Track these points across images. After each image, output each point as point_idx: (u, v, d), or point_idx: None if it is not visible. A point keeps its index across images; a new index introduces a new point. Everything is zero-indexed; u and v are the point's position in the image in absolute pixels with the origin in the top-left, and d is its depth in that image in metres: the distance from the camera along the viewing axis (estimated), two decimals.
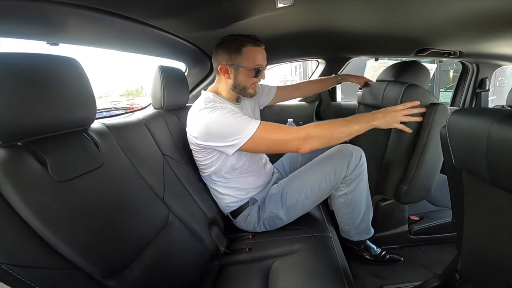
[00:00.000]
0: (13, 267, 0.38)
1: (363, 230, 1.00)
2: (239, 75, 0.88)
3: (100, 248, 0.51)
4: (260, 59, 0.89)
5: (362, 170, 0.90)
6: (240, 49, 0.85)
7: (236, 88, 0.91)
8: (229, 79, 0.90)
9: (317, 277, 0.71)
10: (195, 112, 0.84)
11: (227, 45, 0.86)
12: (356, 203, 0.94)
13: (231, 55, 0.86)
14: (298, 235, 0.91)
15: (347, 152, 0.88)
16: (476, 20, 0.87)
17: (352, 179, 0.89)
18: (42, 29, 0.69)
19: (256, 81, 0.92)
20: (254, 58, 0.87)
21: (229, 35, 0.88)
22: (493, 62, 1.67)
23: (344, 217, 0.97)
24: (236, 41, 0.86)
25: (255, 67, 0.88)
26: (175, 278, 0.67)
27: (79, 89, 0.55)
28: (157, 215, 0.70)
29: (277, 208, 0.92)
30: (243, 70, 0.87)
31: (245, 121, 0.79)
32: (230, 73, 0.89)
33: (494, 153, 0.42)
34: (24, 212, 0.42)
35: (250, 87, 0.92)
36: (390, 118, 0.84)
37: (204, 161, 0.92)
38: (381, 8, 0.84)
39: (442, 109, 0.92)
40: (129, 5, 0.67)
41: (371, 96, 1.26)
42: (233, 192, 0.96)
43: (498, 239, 0.50)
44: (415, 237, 1.18)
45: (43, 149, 0.48)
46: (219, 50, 0.88)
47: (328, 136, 0.80)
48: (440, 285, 0.76)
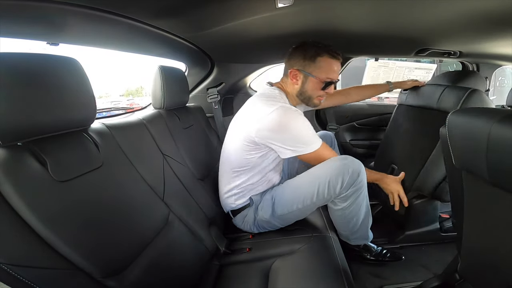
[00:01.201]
0: (13, 267, 0.38)
1: (361, 236, 1.00)
2: (307, 84, 0.88)
3: (100, 248, 0.51)
4: (334, 72, 0.87)
5: (360, 186, 0.85)
6: (315, 57, 0.85)
7: (301, 95, 0.90)
8: (296, 85, 0.89)
9: (317, 277, 0.71)
10: (264, 109, 0.83)
11: (303, 50, 0.86)
12: (354, 216, 0.91)
13: (305, 61, 0.85)
14: (298, 235, 0.91)
15: (344, 168, 0.83)
16: (476, 20, 0.87)
17: (348, 195, 0.85)
18: (42, 29, 0.69)
19: (323, 94, 0.91)
20: (327, 69, 0.86)
21: (309, 41, 0.88)
22: (493, 62, 1.66)
23: (341, 226, 0.96)
24: (313, 48, 0.85)
25: (326, 79, 0.87)
26: (175, 278, 0.67)
27: (79, 89, 0.55)
28: (157, 215, 0.70)
29: (268, 215, 0.92)
30: (313, 80, 0.87)
31: (314, 135, 0.86)
32: (298, 79, 0.88)
33: (494, 153, 0.42)
34: (24, 212, 0.42)
35: (316, 98, 0.91)
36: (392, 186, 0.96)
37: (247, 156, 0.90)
38: (381, 8, 0.84)
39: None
40: (129, 5, 0.67)
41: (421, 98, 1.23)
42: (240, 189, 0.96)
43: (498, 239, 0.50)
44: (445, 235, 1.17)
45: (43, 149, 0.48)
46: (294, 54, 0.88)
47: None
48: (440, 285, 0.76)
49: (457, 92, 1.02)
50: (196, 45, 1.11)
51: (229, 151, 0.95)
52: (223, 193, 1.00)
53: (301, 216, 0.93)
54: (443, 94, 1.09)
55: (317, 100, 0.92)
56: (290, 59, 0.89)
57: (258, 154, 0.90)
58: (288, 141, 0.83)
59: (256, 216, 0.94)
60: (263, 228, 0.96)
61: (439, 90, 1.12)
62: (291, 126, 0.82)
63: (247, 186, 0.96)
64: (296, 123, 0.82)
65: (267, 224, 0.95)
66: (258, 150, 0.89)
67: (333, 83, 0.90)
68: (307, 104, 0.94)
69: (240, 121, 0.93)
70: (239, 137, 0.90)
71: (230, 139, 0.96)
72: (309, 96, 0.90)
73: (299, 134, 0.83)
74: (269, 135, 0.83)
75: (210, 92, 1.45)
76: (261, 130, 0.83)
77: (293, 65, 0.87)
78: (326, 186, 0.84)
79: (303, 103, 0.94)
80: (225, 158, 0.99)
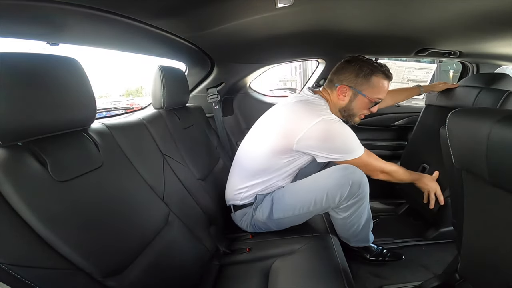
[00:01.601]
0: (13, 267, 0.38)
1: (362, 239, 1.00)
2: (356, 101, 0.86)
3: (100, 248, 0.51)
4: (385, 92, 0.87)
5: (362, 197, 0.84)
6: (370, 76, 0.83)
7: (345, 112, 0.89)
8: (342, 101, 0.87)
9: (317, 277, 0.71)
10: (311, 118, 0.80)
11: (358, 67, 0.83)
12: (355, 223, 0.90)
13: (357, 79, 0.84)
14: (298, 235, 0.91)
15: (343, 180, 0.81)
16: (476, 20, 0.87)
17: (349, 206, 0.85)
18: (42, 29, 0.69)
19: (367, 112, 0.90)
20: (380, 90, 0.85)
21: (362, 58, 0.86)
22: (493, 62, 1.66)
23: (342, 231, 0.95)
24: (368, 67, 0.83)
25: (377, 100, 0.86)
26: (175, 278, 0.67)
27: (79, 89, 0.55)
28: (157, 215, 0.70)
29: (265, 217, 0.91)
30: (362, 98, 0.85)
31: (358, 142, 0.84)
32: (346, 96, 0.86)
33: (494, 153, 0.42)
34: (24, 212, 0.42)
35: (358, 116, 0.90)
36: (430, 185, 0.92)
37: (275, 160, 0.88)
38: (381, 8, 0.84)
39: None
40: (129, 5, 0.67)
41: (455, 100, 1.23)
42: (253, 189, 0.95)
43: (498, 239, 0.50)
44: None
45: (43, 149, 0.48)
46: (347, 68, 0.85)
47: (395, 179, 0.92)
48: (440, 285, 0.76)
49: (494, 94, 1.03)
50: (196, 45, 1.11)
51: (253, 152, 0.92)
52: (233, 189, 0.98)
53: (298, 222, 0.93)
54: (479, 96, 1.09)
55: (358, 118, 0.91)
56: (341, 74, 0.86)
57: (287, 159, 0.88)
58: (332, 150, 0.82)
59: (254, 215, 0.94)
60: (258, 228, 0.96)
61: (474, 92, 1.12)
62: (337, 136, 0.81)
63: (261, 186, 0.94)
64: (342, 133, 0.82)
65: (263, 226, 0.94)
66: (289, 156, 0.87)
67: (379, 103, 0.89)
68: (348, 120, 0.91)
69: (273, 124, 0.90)
70: (270, 141, 0.87)
71: (256, 141, 0.93)
72: (353, 114, 0.89)
73: (345, 143, 0.82)
74: (313, 144, 0.81)
75: (210, 92, 1.45)
76: (304, 139, 0.80)
77: (343, 80, 0.85)
78: (324, 196, 0.83)
79: (344, 118, 0.91)
80: (244, 157, 0.96)
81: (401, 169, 0.93)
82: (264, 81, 1.70)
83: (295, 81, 11.43)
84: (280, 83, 11.44)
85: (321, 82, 1.65)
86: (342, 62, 0.88)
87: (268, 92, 2.05)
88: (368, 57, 0.90)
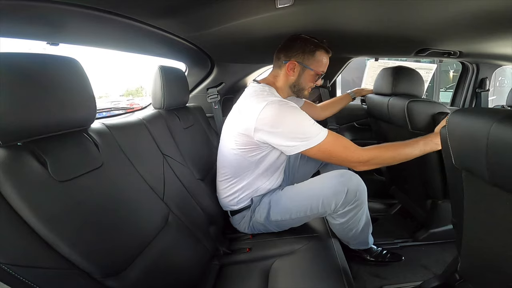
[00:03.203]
0: (13, 267, 0.38)
1: (361, 242, 1.00)
2: (304, 76, 0.90)
3: (100, 248, 0.51)
4: (326, 65, 0.92)
5: (359, 203, 0.83)
6: (314, 52, 0.88)
7: (294, 87, 0.92)
8: (292, 77, 0.90)
9: (317, 277, 0.71)
10: (258, 104, 0.79)
11: (303, 44, 0.88)
12: (353, 228, 0.90)
13: (304, 55, 0.87)
14: (298, 235, 0.91)
15: (339, 187, 0.80)
16: (476, 20, 0.87)
17: (346, 212, 0.83)
18: (42, 29, 0.69)
19: (313, 85, 0.95)
20: (323, 64, 0.90)
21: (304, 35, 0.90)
22: (493, 62, 1.66)
23: (340, 235, 0.95)
24: (312, 43, 0.88)
25: (321, 72, 0.91)
26: (175, 278, 0.67)
27: (79, 89, 0.55)
28: (157, 215, 0.70)
29: (263, 219, 0.91)
30: (309, 72, 0.90)
31: (316, 125, 0.79)
32: (295, 71, 0.89)
33: (494, 153, 0.42)
34: (24, 212, 0.42)
35: (307, 89, 0.94)
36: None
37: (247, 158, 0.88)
38: (381, 8, 0.84)
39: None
40: (129, 5, 0.67)
41: (377, 110, 1.26)
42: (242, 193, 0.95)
43: (498, 239, 0.50)
44: None
45: (43, 149, 0.48)
46: (293, 46, 0.88)
47: (389, 163, 0.83)
48: (440, 285, 0.76)
49: (399, 103, 1.06)
50: (196, 45, 1.11)
51: (228, 154, 0.93)
52: (222, 195, 0.99)
53: (296, 224, 0.92)
54: (389, 107, 1.15)
55: (307, 91, 0.95)
56: (288, 51, 0.89)
57: (259, 154, 0.88)
58: (288, 135, 0.77)
59: (253, 217, 0.94)
60: (258, 230, 0.96)
61: (385, 101, 1.17)
62: (288, 118, 0.77)
63: (250, 189, 0.94)
64: (292, 114, 0.78)
65: (262, 227, 0.94)
66: (259, 150, 0.87)
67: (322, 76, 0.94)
68: (298, 95, 0.95)
69: (233, 123, 0.90)
70: (236, 140, 0.87)
71: (226, 143, 0.93)
72: (302, 88, 0.93)
73: (299, 126, 0.77)
74: (267, 131, 0.78)
75: (210, 92, 1.45)
76: (258, 129, 0.79)
77: (291, 57, 0.88)
78: (320, 203, 0.82)
79: (295, 94, 0.95)
80: (223, 161, 0.96)
81: (388, 150, 0.81)
82: None
83: None
84: None
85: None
86: (287, 40, 0.91)
87: None
88: (368, 57, 0.90)
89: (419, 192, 1.22)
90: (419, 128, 1.00)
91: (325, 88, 1.64)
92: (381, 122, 1.29)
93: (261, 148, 0.86)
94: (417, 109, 0.98)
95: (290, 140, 0.77)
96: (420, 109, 0.97)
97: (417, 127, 1.00)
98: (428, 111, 0.95)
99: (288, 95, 0.96)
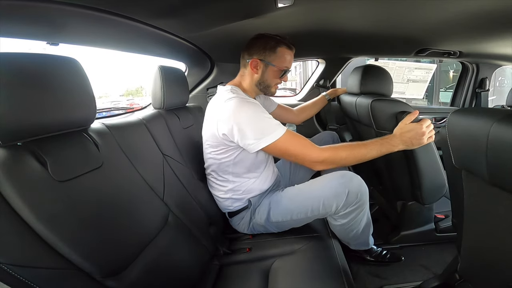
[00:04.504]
0: (13, 267, 0.38)
1: (362, 243, 1.00)
2: (267, 72, 0.91)
3: (100, 248, 0.51)
4: (289, 61, 0.92)
5: (360, 205, 0.82)
6: (275, 48, 0.89)
7: (260, 84, 0.93)
8: (256, 74, 0.92)
9: (317, 277, 0.71)
10: (220, 103, 0.82)
11: (264, 41, 0.89)
12: (354, 229, 0.90)
13: (265, 52, 0.89)
14: (298, 235, 0.91)
15: (340, 188, 0.80)
16: (476, 20, 0.87)
17: (348, 214, 0.83)
18: (42, 29, 0.69)
19: (279, 82, 0.95)
20: (285, 59, 0.91)
21: (266, 33, 0.91)
22: (493, 62, 1.67)
23: (341, 236, 0.95)
24: (273, 40, 0.89)
25: (284, 68, 0.92)
26: (175, 278, 0.67)
27: (79, 89, 0.55)
28: (157, 215, 0.70)
29: (263, 220, 0.91)
30: (272, 68, 0.90)
31: (274, 122, 0.80)
32: (259, 68, 0.91)
33: (494, 153, 0.42)
34: (24, 212, 0.42)
35: (273, 86, 0.94)
36: (416, 141, 0.82)
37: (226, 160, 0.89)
38: (381, 8, 0.84)
39: None
40: (129, 5, 0.67)
41: (348, 110, 1.27)
42: (234, 194, 0.95)
43: (498, 239, 0.50)
44: (441, 235, 1.17)
45: (43, 149, 0.48)
46: (255, 44, 0.90)
47: (345, 163, 0.83)
48: (440, 285, 0.77)
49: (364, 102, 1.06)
50: (196, 45, 1.11)
51: (207, 159, 0.94)
52: (217, 198, 0.99)
53: (297, 225, 0.92)
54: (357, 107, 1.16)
55: (274, 88, 0.95)
56: (250, 50, 0.90)
57: (232, 155, 0.88)
58: (246, 131, 0.78)
59: (253, 218, 0.94)
60: (258, 231, 0.96)
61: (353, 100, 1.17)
62: (245, 114, 0.78)
63: (240, 189, 0.94)
64: (250, 110, 0.79)
65: (263, 228, 0.94)
66: (231, 151, 0.87)
67: (287, 72, 0.94)
68: (265, 92, 0.96)
69: (203, 128, 0.93)
70: (208, 143, 0.89)
71: (204, 148, 0.95)
72: (268, 84, 0.93)
73: (255, 122, 0.78)
74: (227, 128, 0.79)
75: (210, 92, 1.45)
76: (219, 126, 0.81)
77: (253, 54, 0.90)
78: (320, 205, 0.82)
79: (262, 92, 0.96)
80: (207, 167, 0.97)
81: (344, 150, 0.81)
82: None
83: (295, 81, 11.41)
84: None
85: (321, 82, 1.65)
86: (250, 39, 0.92)
87: None
88: (368, 57, 0.90)
89: (390, 193, 1.23)
90: (383, 128, 1.00)
91: (325, 88, 1.64)
92: (354, 121, 1.30)
93: (231, 147, 0.86)
94: (379, 108, 0.98)
95: (248, 136, 0.78)
96: (382, 108, 0.97)
97: (381, 126, 1.00)
98: (390, 110, 0.95)
99: (256, 94, 0.98)
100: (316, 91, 1.68)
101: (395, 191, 1.17)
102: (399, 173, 1.07)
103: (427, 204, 1.07)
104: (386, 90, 1.09)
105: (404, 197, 1.12)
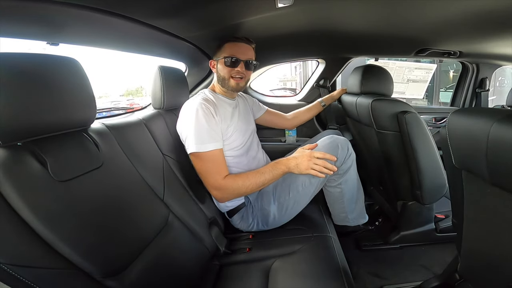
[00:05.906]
0: (13, 267, 0.38)
1: (358, 215, 1.03)
2: (218, 66, 0.97)
3: (100, 248, 0.51)
4: (235, 51, 0.95)
5: (351, 160, 0.93)
6: (222, 45, 0.97)
7: (219, 79, 0.99)
8: (215, 73, 1.00)
9: (317, 277, 0.71)
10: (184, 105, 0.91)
11: (218, 44, 0.98)
12: (350, 190, 0.97)
13: (217, 52, 0.98)
14: (298, 235, 0.91)
15: (334, 144, 0.90)
16: (476, 20, 0.87)
17: (344, 169, 0.93)
18: (42, 29, 0.69)
19: (232, 71, 0.95)
20: (230, 50, 0.95)
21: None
22: (493, 62, 1.66)
23: (339, 206, 0.99)
24: (223, 40, 0.97)
25: (229, 55, 0.94)
26: (175, 278, 0.67)
27: (79, 89, 0.55)
28: (157, 215, 0.70)
29: (268, 205, 0.93)
30: (220, 61, 0.96)
31: (207, 136, 0.83)
32: (214, 67, 0.99)
33: (494, 153, 0.42)
34: (24, 212, 0.42)
35: (229, 79, 0.96)
36: (303, 166, 0.83)
37: None
38: (381, 8, 0.84)
39: (411, 117, 0.92)
40: (129, 5, 0.67)
41: (349, 110, 1.28)
42: None
43: (498, 239, 0.50)
44: (441, 235, 1.17)
45: (43, 149, 0.48)
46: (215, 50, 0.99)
47: (243, 190, 0.85)
48: (440, 285, 0.77)
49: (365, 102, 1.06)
50: (196, 45, 1.11)
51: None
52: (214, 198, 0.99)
53: (301, 203, 0.94)
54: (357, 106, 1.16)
55: (231, 81, 0.96)
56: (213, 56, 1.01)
57: None
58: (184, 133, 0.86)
59: (255, 211, 0.95)
60: (261, 223, 0.96)
61: (354, 100, 1.18)
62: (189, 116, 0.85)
63: None
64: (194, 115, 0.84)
65: (266, 218, 0.94)
66: None
67: (238, 61, 0.94)
68: (224, 86, 0.98)
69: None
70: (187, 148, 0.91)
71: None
72: (223, 77, 0.96)
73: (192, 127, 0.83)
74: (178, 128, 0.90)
75: None
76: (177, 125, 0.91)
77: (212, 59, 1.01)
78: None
79: (223, 87, 0.99)
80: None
81: (249, 176, 0.84)
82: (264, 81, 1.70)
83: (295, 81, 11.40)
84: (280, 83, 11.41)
85: (321, 82, 1.65)
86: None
87: (268, 92, 2.05)
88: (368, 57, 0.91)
89: (390, 193, 1.23)
90: (383, 127, 1.00)
91: (325, 88, 1.64)
92: (354, 121, 1.30)
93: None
94: (380, 108, 0.98)
95: (185, 137, 0.86)
96: (383, 108, 0.98)
97: (381, 126, 1.01)
98: (390, 110, 0.95)
99: (221, 92, 1.02)
100: (316, 91, 1.68)
101: (395, 191, 1.17)
102: (399, 173, 1.07)
103: (427, 204, 1.07)
104: (386, 90, 1.09)
105: (404, 197, 1.12)
